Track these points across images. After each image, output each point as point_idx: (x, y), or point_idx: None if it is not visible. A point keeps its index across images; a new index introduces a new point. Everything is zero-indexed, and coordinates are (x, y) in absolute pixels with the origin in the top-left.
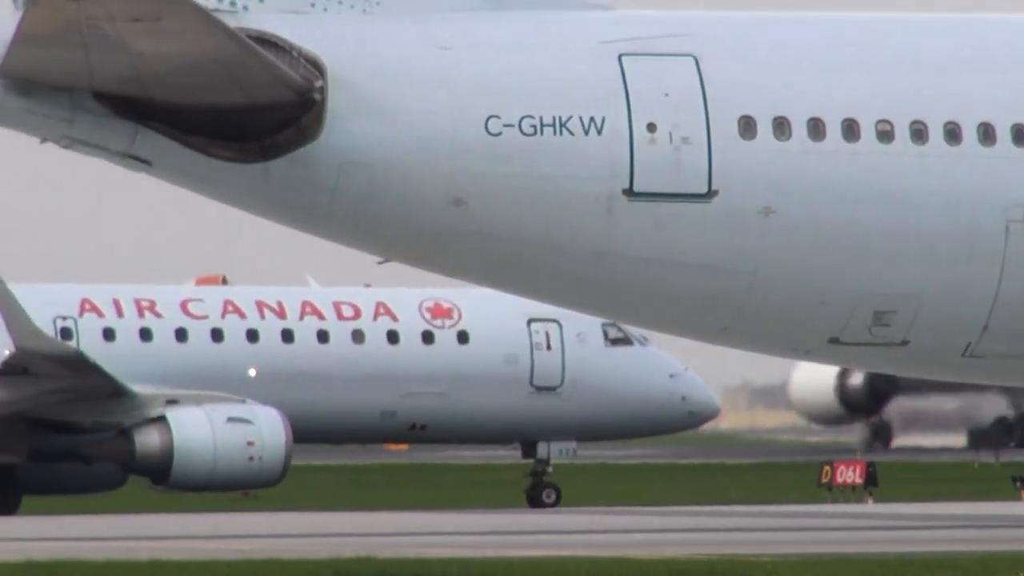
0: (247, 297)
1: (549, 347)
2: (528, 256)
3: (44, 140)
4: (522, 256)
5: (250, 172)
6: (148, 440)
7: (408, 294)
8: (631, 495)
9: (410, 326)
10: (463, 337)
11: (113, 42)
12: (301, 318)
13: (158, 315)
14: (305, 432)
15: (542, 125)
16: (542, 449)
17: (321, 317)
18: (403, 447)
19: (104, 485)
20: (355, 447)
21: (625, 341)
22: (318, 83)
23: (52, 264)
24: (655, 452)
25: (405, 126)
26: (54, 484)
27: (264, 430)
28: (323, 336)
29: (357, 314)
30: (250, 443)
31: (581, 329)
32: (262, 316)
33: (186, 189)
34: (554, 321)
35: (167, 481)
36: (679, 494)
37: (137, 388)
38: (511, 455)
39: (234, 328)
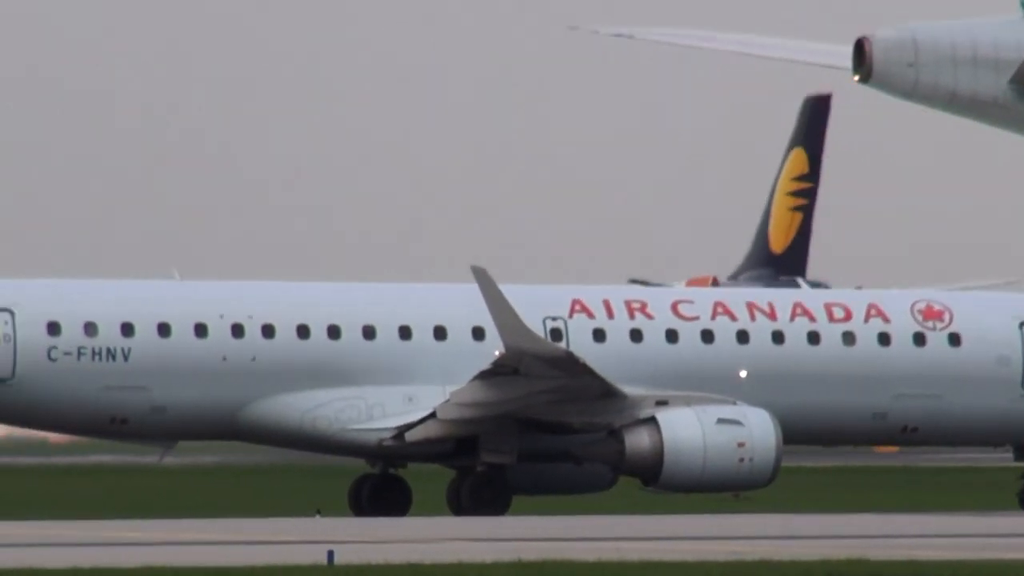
0: (738, 298)
1: None
2: None
3: None
4: None
5: None
6: (638, 441)
7: (900, 296)
8: None
9: (901, 328)
10: (954, 339)
11: None
12: (792, 319)
13: (649, 316)
14: (795, 434)
15: None
16: None
17: (812, 319)
18: (893, 449)
19: (594, 486)
20: (846, 449)
21: None
22: None
23: (543, 267)
24: None
25: None
26: (544, 484)
27: (754, 432)
28: (814, 337)
29: (848, 316)
30: (740, 444)
31: None
32: (752, 318)
33: None
34: None
35: (657, 482)
36: None
37: (627, 389)
38: (1002, 457)
39: (724, 329)
